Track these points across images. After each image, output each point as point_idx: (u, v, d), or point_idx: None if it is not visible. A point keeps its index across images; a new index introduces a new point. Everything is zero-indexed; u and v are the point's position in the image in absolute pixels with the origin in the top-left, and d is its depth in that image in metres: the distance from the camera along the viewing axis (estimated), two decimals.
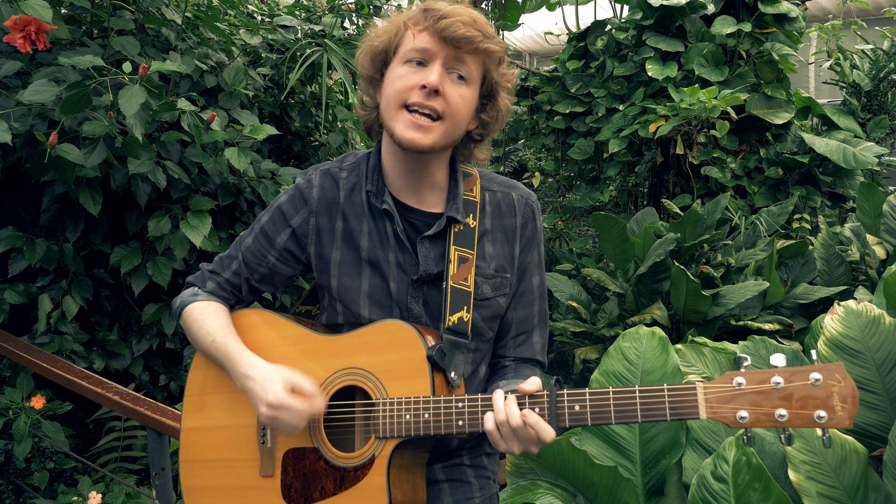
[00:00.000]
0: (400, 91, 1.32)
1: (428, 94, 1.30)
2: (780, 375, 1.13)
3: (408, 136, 1.31)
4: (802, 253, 4.66)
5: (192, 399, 1.56)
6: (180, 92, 3.09)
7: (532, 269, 1.51)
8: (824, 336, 2.06)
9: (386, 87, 1.37)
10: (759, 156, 5.54)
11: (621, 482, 1.87)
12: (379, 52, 1.38)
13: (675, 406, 1.17)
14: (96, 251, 3.23)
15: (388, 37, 1.37)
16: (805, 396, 1.11)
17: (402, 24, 1.36)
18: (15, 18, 2.26)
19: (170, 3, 2.99)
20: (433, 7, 1.33)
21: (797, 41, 5.58)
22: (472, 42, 1.30)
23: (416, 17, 1.34)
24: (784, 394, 1.12)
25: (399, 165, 1.42)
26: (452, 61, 1.32)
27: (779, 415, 1.11)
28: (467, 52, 1.32)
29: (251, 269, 1.52)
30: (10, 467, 3.08)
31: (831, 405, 1.10)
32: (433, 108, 1.31)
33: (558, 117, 6.16)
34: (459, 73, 1.33)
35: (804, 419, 1.11)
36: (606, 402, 1.21)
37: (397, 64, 1.35)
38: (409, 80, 1.31)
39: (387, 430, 1.32)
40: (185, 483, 1.54)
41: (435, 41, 1.30)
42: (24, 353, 2.72)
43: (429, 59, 1.31)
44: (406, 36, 1.35)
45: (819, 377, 1.11)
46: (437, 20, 1.30)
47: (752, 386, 1.13)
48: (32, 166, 2.50)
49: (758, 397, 1.13)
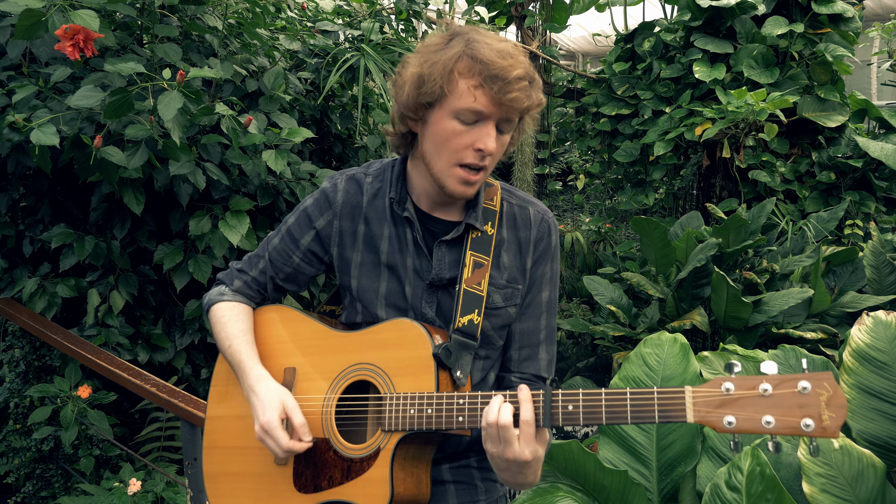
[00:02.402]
0: (455, 150, 1.35)
1: (483, 156, 1.35)
2: (769, 382, 1.12)
3: (459, 189, 1.38)
4: (851, 260, 4.53)
5: (217, 389, 1.64)
6: (222, 96, 3.20)
7: (542, 284, 1.53)
8: (850, 347, 2.02)
9: (435, 136, 1.38)
10: (810, 159, 5.41)
11: (632, 487, 1.87)
12: (424, 95, 1.36)
13: (664, 409, 1.18)
14: (142, 248, 3.36)
15: (438, 85, 1.34)
16: (792, 404, 1.11)
17: (453, 72, 1.33)
18: (65, 27, 2.39)
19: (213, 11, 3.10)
20: (484, 58, 1.31)
21: (853, 42, 5.43)
22: (529, 109, 1.36)
23: (467, 67, 1.32)
24: (772, 401, 1.12)
25: (429, 190, 1.46)
26: (504, 123, 1.36)
27: (765, 421, 1.11)
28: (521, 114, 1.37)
29: (276, 268, 1.59)
30: (59, 453, 3.24)
31: (818, 414, 1.09)
32: (484, 165, 1.37)
33: (604, 119, 6.13)
34: (506, 129, 1.38)
35: (791, 427, 1.11)
36: (598, 403, 1.23)
37: (448, 115, 1.35)
38: (463, 140, 1.34)
39: (392, 424, 1.36)
40: (207, 469, 1.61)
41: (494, 106, 1.32)
42: (72, 344, 2.86)
43: (482, 119, 1.34)
44: (459, 89, 1.32)
45: (807, 386, 1.10)
46: (499, 88, 1.30)
47: (740, 392, 1.14)
48: (79, 167, 2.63)
49: (745, 403, 1.13)
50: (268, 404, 1.41)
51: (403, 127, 1.47)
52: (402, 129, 1.48)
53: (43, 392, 3.01)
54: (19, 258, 3.42)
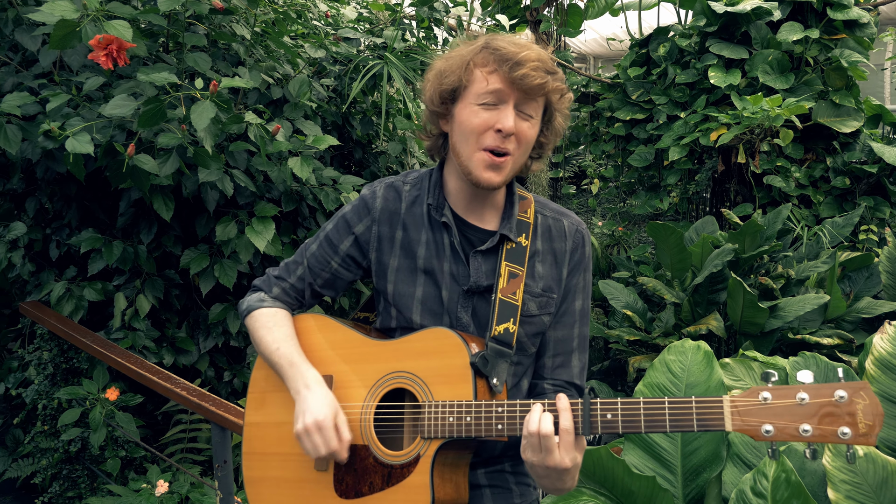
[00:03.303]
0: (476, 133, 1.41)
1: (504, 137, 1.40)
2: (806, 392, 1.16)
3: (485, 176, 1.43)
4: (867, 266, 4.54)
5: (255, 396, 1.67)
6: (248, 103, 3.25)
7: (576, 293, 1.57)
8: (872, 355, 2.05)
9: (459, 126, 1.45)
10: (825, 165, 5.42)
11: (659, 492, 1.90)
12: (448, 91, 1.45)
13: (703, 417, 1.22)
14: (168, 253, 3.42)
15: (457, 76, 1.43)
16: (829, 413, 1.14)
17: (470, 62, 1.43)
18: (98, 37, 2.44)
19: (240, 20, 3.15)
20: (500, 48, 1.40)
21: (868, 47, 5.43)
22: (543, 88, 1.40)
23: (483, 58, 1.41)
24: (808, 410, 1.15)
25: (463, 188, 1.52)
26: (522, 104, 1.41)
27: (803, 430, 1.15)
28: (538, 95, 1.41)
29: (315, 274, 1.63)
30: (85, 454, 3.29)
31: (855, 423, 1.13)
32: (507, 149, 1.41)
33: (619, 124, 6.15)
34: (528, 113, 1.42)
35: (828, 435, 1.14)
36: (637, 411, 1.26)
37: (469, 103, 1.43)
38: (484, 121, 1.40)
39: (431, 431, 1.40)
40: (247, 474, 1.65)
41: (507, 85, 1.39)
42: (101, 347, 2.91)
43: (500, 101, 1.40)
44: (476, 76, 1.42)
45: (844, 395, 1.14)
46: (510, 68, 1.37)
47: (777, 401, 1.17)
48: (112, 175, 2.68)
49: (783, 412, 1.17)
50: (325, 404, 1.45)
51: (435, 128, 1.54)
52: (435, 130, 1.55)
53: (72, 394, 3.07)
54: (45, 262, 3.48)
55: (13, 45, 3.18)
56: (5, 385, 3.65)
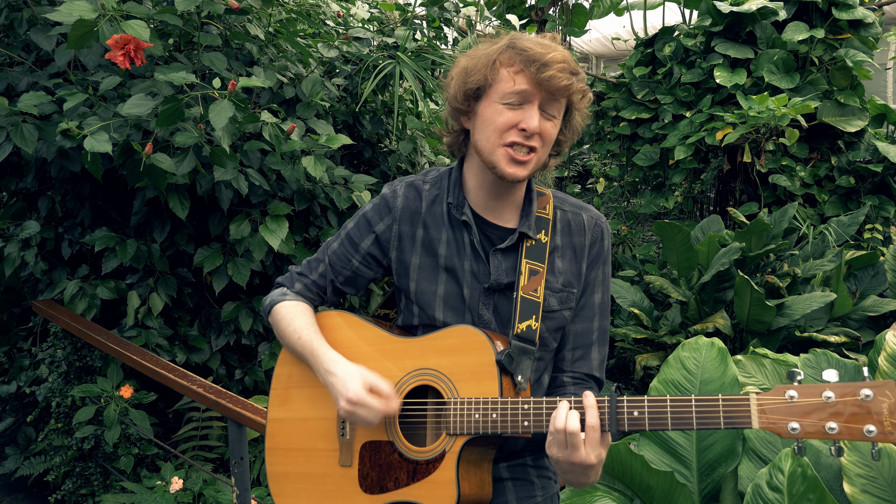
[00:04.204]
0: (500, 130, 1.43)
1: (528, 136, 1.42)
2: (832, 390, 1.18)
3: (510, 170, 1.44)
4: (873, 264, 4.57)
5: (278, 392, 1.70)
6: (261, 103, 3.27)
7: (595, 286, 1.59)
8: (885, 352, 2.07)
9: (483, 123, 1.46)
10: (830, 164, 5.45)
11: (677, 487, 1.92)
12: (472, 89, 1.47)
13: (729, 415, 1.23)
14: (181, 251, 3.44)
15: (482, 74, 1.45)
16: (855, 411, 1.16)
17: (496, 61, 1.44)
18: (116, 37, 2.45)
19: (253, 20, 3.17)
20: (526, 48, 1.41)
21: (873, 47, 5.46)
22: (569, 90, 1.42)
23: (509, 57, 1.42)
24: (835, 408, 1.17)
25: (483, 185, 1.53)
26: (547, 104, 1.43)
27: (829, 428, 1.17)
28: (562, 97, 1.43)
29: (336, 271, 1.65)
30: (98, 451, 3.31)
31: (881, 420, 1.15)
32: (531, 147, 1.43)
33: (624, 123, 6.17)
34: (551, 113, 1.44)
35: (854, 433, 1.16)
36: (664, 409, 1.28)
37: (494, 102, 1.44)
38: (508, 119, 1.42)
39: (457, 428, 1.42)
40: (271, 469, 1.67)
41: (533, 86, 1.40)
42: (116, 345, 2.93)
43: (526, 101, 1.42)
44: (502, 75, 1.43)
45: (870, 393, 1.16)
46: (537, 69, 1.38)
47: (803, 399, 1.19)
48: (129, 173, 2.70)
49: (809, 410, 1.18)
50: (350, 379, 1.46)
51: (456, 125, 1.56)
52: (456, 126, 1.56)
53: (86, 392, 3.08)
54: (58, 260, 3.50)
55: (26, 44, 3.20)
56: (17, 383, 3.68)
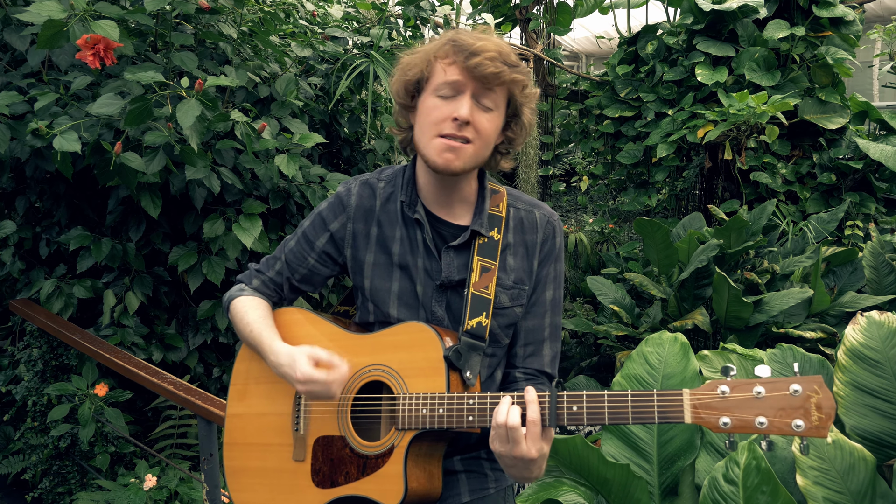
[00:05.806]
0: (434, 122, 1.44)
1: (459, 125, 1.43)
2: (763, 385, 1.20)
3: (442, 159, 1.44)
4: (851, 261, 4.60)
5: (236, 388, 1.72)
6: (235, 102, 3.28)
7: (546, 283, 1.61)
8: (844, 346, 2.10)
9: (420, 117, 1.49)
10: (811, 161, 5.48)
11: (633, 480, 1.95)
12: (412, 83, 1.49)
13: (663, 410, 1.26)
14: (157, 250, 3.45)
15: (419, 69, 1.48)
16: (784, 406, 1.18)
17: (433, 56, 1.47)
18: (86, 37, 2.47)
19: (226, 19, 3.18)
20: (460, 40, 1.43)
21: (854, 44, 5.48)
22: (499, 77, 1.43)
23: (445, 51, 1.45)
24: (765, 403, 1.19)
25: (431, 181, 1.55)
26: (480, 94, 1.44)
27: (759, 422, 1.19)
28: (495, 85, 1.44)
29: (293, 269, 1.68)
30: (75, 449, 3.32)
31: (808, 415, 1.17)
32: (464, 137, 1.44)
33: (608, 121, 6.19)
34: (486, 105, 1.45)
35: (783, 427, 1.18)
36: (601, 404, 1.30)
37: (429, 95, 1.46)
38: (441, 111, 1.44)
39: (405, 423, 1.44)
40: (228, 464, 1.69)
41: (464, 76, 1.42)
42: (90, 343, 2.94)
43: (458, 92, 1.43)
44: (436, 68, 1.45)
45: (798, 388, 1.18)
46: (466, 57, 1.40)
47: (735, 394, 1.21)
48: (100, 173, 2.71)
49: (740, 405, 1.21)
50: (295, 360, 1.47)
51: (405, 121, 1.57)
52: (405, 124, 1.58)
53: (61, 390, 3.10)
54: (35, 260, 3.51)
55: (1, 45, 3.21)
56: None
